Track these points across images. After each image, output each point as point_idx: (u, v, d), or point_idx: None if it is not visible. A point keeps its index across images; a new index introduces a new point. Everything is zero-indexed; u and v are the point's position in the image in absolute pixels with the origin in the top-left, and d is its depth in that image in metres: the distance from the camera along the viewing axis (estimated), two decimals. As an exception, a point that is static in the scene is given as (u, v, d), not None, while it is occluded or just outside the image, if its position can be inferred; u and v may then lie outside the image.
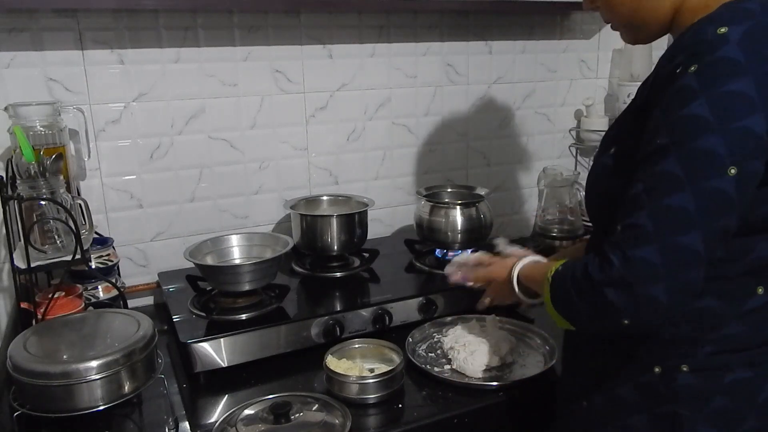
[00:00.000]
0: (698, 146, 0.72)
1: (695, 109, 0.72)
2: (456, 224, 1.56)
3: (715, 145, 0.71)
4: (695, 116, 0.72)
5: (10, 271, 1.19)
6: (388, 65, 1.70)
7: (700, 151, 0.72)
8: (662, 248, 0.73)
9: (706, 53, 0.73)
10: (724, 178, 0.72)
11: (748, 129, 0.71)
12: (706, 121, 0.71)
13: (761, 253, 0.80)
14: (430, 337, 1.32)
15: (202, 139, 1.54)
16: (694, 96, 0.72)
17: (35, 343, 1.04)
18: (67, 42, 1.36)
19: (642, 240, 0.73)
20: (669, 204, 0.73)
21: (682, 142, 0.73)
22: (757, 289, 0.82)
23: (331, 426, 1.01)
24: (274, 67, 1.57)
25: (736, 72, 0.71)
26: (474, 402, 1.10)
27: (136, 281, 1.53)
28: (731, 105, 0.71)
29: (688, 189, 0.72)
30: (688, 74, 0.73)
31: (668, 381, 0.85)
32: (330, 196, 1.65)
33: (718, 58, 0.72)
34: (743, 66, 0.71)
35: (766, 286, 0.82)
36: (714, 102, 0.71)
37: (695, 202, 0.72)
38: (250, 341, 1.20)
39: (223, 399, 1.14)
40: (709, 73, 0.72)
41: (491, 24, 1.80)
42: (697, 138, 0.72)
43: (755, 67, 0.71)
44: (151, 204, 1.52)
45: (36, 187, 1.15)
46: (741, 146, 0.72)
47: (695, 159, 0.72)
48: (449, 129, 1.83)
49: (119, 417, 1.08)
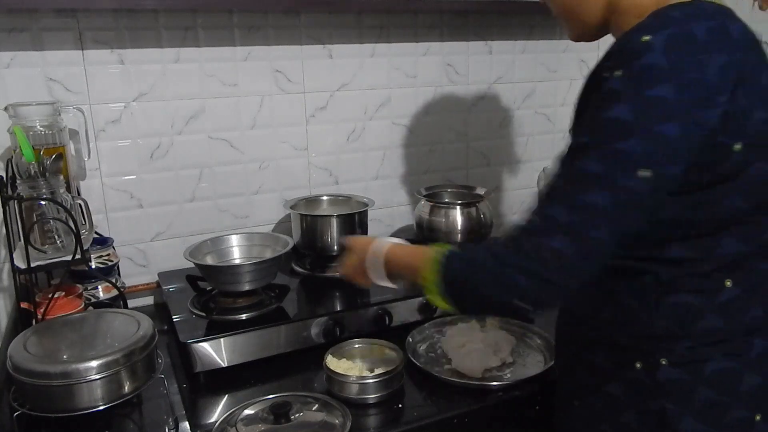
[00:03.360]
0: (617, 147, 0.75)
1: (618, 112, 0.75)
2: (456, 224, 1.56)
3: (634, 148, 0.74)
4: (617, 119, 0.75)
5: (10, 271, 1.19)
6: (388, 65, 1.70)
7: (618, 152, 0.75)
8: (574, 240, 0.76)
9: (631, 59, 0.75)
10: (638, 179, 0.75)
11: (665, 134, 0.74)
12: (627, 124, 0.74)
13: (726, 249, 0.83)
14: (430, 337, 1.32)
15: (202, 139, 1.54)
16: (618, 99, 0.75)
17: (35, 343, 1.04)
18: (67, 42, 1.36)
19: (555, 231, 0.77)
20: (585, 200, 0.76)
21: (602, 143, 0.76)
22: (726, 283, 0.84)
23: (331, 426, 1.01)
24: (274, 67, 1.57)
25: (658, 78, 0.73)
26: (474, 402, 1.10)
27: (136, 281, 1.53)
28: (652, 110, 0.74)
29: (603, 187, 0.75)
30: (613, 78, 0.76)
31: (651, 376, 0.87)
32: (330, 196, 1.65)
33: (643, 64, 0.74)
34: (666, 72, 0.73)
35: (734, 279, 0.84)
36: (636, 106, 0.74)
37: (609, 199, 0.75)
38: (250, 341, 1.20)
39: (223, 399, 1.14)
40: (633, 78, 0.75)
41: (491, 24, 1.80)
42: (617, 140, 0.75)
43: (677, 74, 0.73)
44: (151, 204, 1.52)
45: (36, 187, 1.15)
46: (657, 151, 0.74)
47: (613, 159, 0.75)
48: (449, 129, 1.83)
49: (119, 417, 1.08)
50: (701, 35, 0.75)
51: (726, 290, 0.84)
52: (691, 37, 0.75)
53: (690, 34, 0.75)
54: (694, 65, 0.74)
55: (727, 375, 0.85)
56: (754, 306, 0.85)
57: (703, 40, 0.74)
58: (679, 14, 0.77)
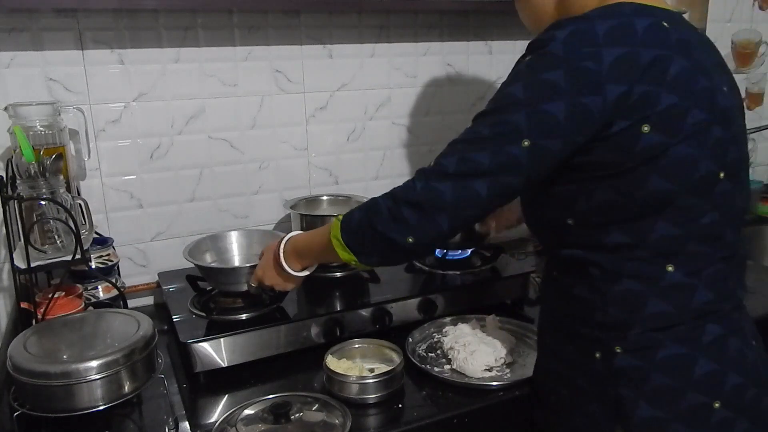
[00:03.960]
0: (507, 118, 0.85)
1: (514, 89, 0.86)
2: (456, 224, 1.56)
3: (519, 120, 0.84)
4: (512, 95, 0.86)
5: (10, 271, 1.19)
6: (388, 65, 1.70)
7: (507, 122, 0.85)
8: (455, 186, 0.88)
9: (537, 47, 0.86)
10: (519, 147, 0.85)
11: (549, 112, 0.83)
12: (519, 99, 0.85)
13: (661, 233, 0.86)
14: (430, 337, 1.32)
15: (202, 139, 1.54)
16: (518, 78, 0.86)
17: (35, 343, 1.04)
18: (67, 42, 1.36)
19: (444, 177, 0.89)
20: (471, 156, 0.87)
21: (497, 112, 0.87)
22: (667, 267, 0.87)
23: (331, 426, 1.01)
24: (274, 67, 1.57)
25: (553, 64, 0.83)
26: (474, 402, 1.10)
27: (136, 281, 1.53)
28: (541, 90, 0.84)
29: (488, 148, 0.86)
30: (522, 63, 0.88)
31: (608, 365, 0.90)
32: (330, 196, 1.65)
33: (544, 51, 0.85)
34: (561, 59, 0.83)
35: (674, 264, 0.87)
36: (529, 85, 0.85)
37: (490, 159, 0.86)
38: (250, 341, 1.20)
39: (223, 399, 1.14)
40: (534, 63, 0.86)
41: (491, 24, 1.80)
42: (508, 111, 0.86)
43: (570, 62, 0.82)
44: (151, 204, 1.52)
45: (36, 187, 1.15)
46: (539, 125, 0.84)
47: (502, 127, 0.86)
48: (449, 129, 1.83)
49: (119, 417, 1.08)
50: (601, 31, 0.83)
51: (668, 274, 0.87)
52: (590, 33, 0.83)
53: (591, 30, 0.83)
54: (586, 56, 0.82)
55: (679, 360, 0.87)
56: (702, 290, 0.88)
57: (602, 36, 0.83)
58: (594, 14, 0.86)
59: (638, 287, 0.88)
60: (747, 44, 2.03)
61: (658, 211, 0.86)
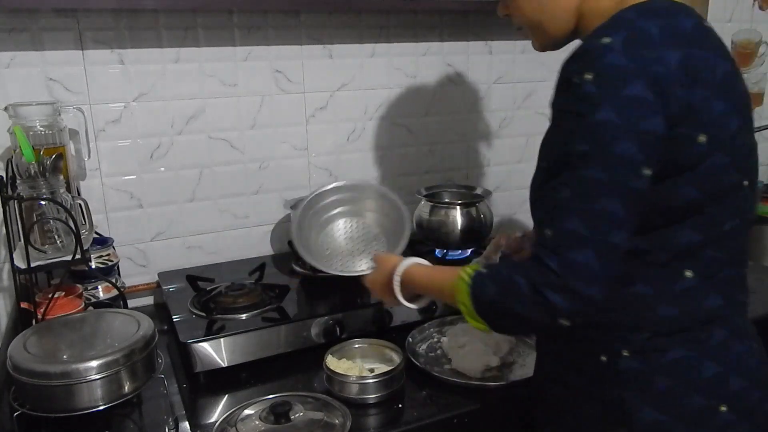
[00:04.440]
0: (615, 152, 0.76)
1: (604, 115, 0.76)
2: (456, 224, 1.56)
3: (630, 150, 0.76)
4: (605, 122, 0.76)
5: (10, 271, 1.20)
6: (388, 65, 1.70)
7: (618, 157, 0.76)
8: (597, 250, 0.77)
9: (594, 61, 0.78)
10: (641, 179, 0.78)
11: (651, 131, 0.77)
12: (615, 126, 0.76)
13: (683, 239, 0.84)
14: (430, 337, 1.32)
15: (202, 139, 1.54)
16: (599, 102, 0.76)
17: (35, 343, 1.04)
18: (67, 42, 1.36)
19: (577, 243, 0.78)
20: (598, 208, 0.77)
21: (599, 149, 0.77)
22: (685, 273, 0.85)
23: (331, 426, 1.01)
24: (274, 67, 1.57)
25: (626, 77, 0.76)
26: (474, 402, 1.10)
27: (136, 281, 1.53)
28: (633, 109, 0.76)
29: (613, 193, 0.77)
30: (585, 83, 0.78)
31: (613, 367, 0.89)
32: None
33: (607, 64, 0.76)
34: (632, 70, 0.76)
35: (693, 269, 0.85)
36: (617, 107, 0.76)
37: (620, 204, 0.77)
38: (250, 341, 1.20)
39: (223, 399, 1.14)
40: (604, 80, 0.77)
41: (491, 24, 1.80)
42: (613, 144, 0.76)
43: (642, 71, 0.76)
44: (151, 204, 1.52)
45: (36, 187, 1.15)
46: (650, 148, 0.77)
47: (617, 164, 0.77)
48: (449, 129, 1.83)
49: (119, 417, 1.08)
50: (656, 32, 0.78)
51: (684, 279, 0.85)
52: (646, 34, 0.78)
53: (645, 31, 0.78)
54: (653, 61, 0.76)
55: (685, 364, 0.86)
56: (713, 294, 0.87)
57: (658, 37, 0.78)
58: (633, 14, 0.81)
59: (650, 292, 0.86)
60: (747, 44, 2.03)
61: (683, 219, 0.83)
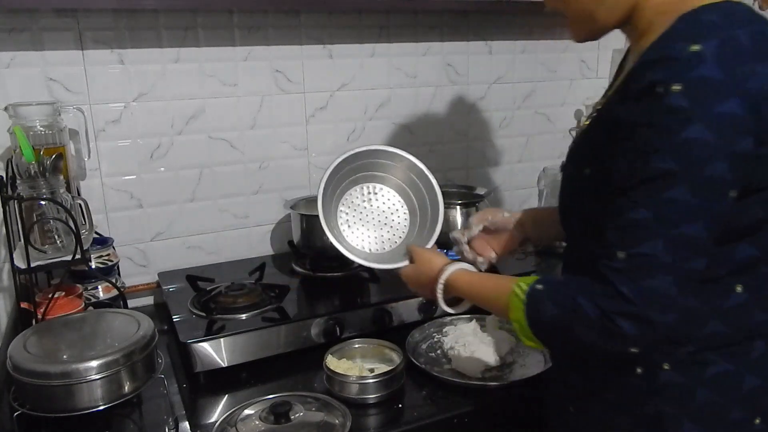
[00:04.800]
0: (706, 173, 0.72)
1: (694, 132, 0.71)
2: (456, 224, 1.56)
3: (723, 172, 0.72)
4: (696, 140, 0.71)
5: (10, 271, 1.19)
6: (388, 65, 1.70)
7: (708, 179, 0.72)
8: (678, 277, 0.73)
9: (683, 71, 0.71)
10: (728, 201, 0.74)
11: (744, 152, 0.72)
12: (709, 145, 0.71)
13: (741, 254, 0.81)
14: (430, 337, 1.32)
15: (202, 139, 1.54)
16: (689, 118, 0.71)
17: (35, 343, 1.04)
18: (67, 42, 1.36)
19: (656, 269, 0.73)
20: (682, 232, 0.73)
21: (689, 169, 0.72)
22: (736, 288, 0.83)
23: (331, 426, 1.01)
24: (274, 67, 1.57)
25: (721, 92, 0.71)
26: (474, 402, 1.10)
27: (136, 281, 1.53)
28: (729, 128, 0.71)
29: (699, 216, 0.72)
30: (672, 94, 0.71)
31: (650, 380, 0.85)
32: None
33: (700, 77, 0.71)
34: (727, 85, 0.71)
35: (744, 284, 0.83)
36: (712, 125, 0.71)
37: (705, 228, 0.73)
38: (250, 341, 1.20)
39: (223, 399, 1.14)
40: (696, 94, 0.71)
41: (491, 24, 1.80)
42: (705, 164, 0.71)
43: (737, 86, 0.71)
44: (151, 204, 1.52)
45: (36, 187, 1.15)
46: (741, 169, 0.73)
47: (705, 186, 0.72)
48: (449, 129, 1.83)
49: (119, 417, 1.08)
50: (747, 42, 0.73)
51: (735, 295, 0.83)
52: (739, 46, 0.72)
53: (737, 42, 0.72)
54: (747, 75, 0.71)
55: (727, 377, 0.84)
56: (759, 311, 0.84)
57: (750, 48, 0.72)
58: (717, 18, 0.74)
59: (700, 306, 0.82)
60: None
61: (744, 237, 0.80)
